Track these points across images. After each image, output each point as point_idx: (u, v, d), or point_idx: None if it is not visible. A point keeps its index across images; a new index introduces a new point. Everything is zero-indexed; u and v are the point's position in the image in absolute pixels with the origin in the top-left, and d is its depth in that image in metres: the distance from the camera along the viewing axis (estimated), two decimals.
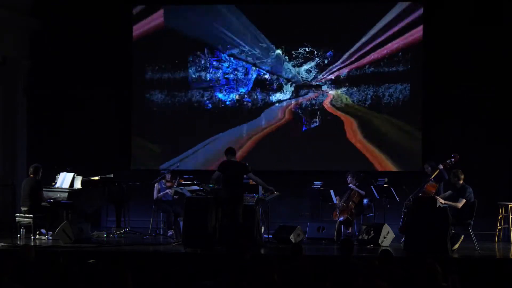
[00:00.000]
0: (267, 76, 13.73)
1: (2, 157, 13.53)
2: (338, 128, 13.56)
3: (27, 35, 13.88)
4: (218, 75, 13.87)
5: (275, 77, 13.72)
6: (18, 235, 11.65)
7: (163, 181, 12.35)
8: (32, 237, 11.55)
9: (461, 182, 10.78)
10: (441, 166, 11.17)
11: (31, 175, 11.83)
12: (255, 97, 13.81)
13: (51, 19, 13.91)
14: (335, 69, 13.54)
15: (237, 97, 13.85)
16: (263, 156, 13.61)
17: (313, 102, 13.62)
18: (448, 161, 11.20)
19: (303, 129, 13.66)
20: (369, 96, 13.46)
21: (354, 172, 12.42)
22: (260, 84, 13.77)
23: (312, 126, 13.64)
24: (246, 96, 13.83)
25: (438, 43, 13.21)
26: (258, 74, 13.77)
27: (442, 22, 13.20)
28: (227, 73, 13.86)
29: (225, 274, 6.74)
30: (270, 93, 13.76)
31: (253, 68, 13.77)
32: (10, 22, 13.34)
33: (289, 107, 13.71)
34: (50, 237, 11.66)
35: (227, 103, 13.88)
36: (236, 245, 10.43)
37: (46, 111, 14.03)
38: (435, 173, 11.17)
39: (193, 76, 13.93)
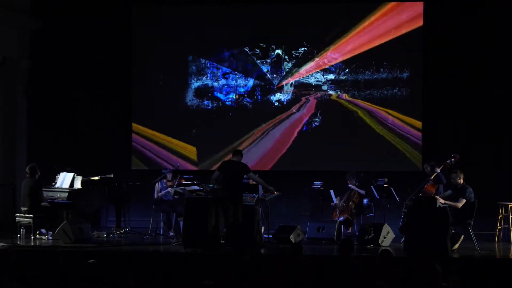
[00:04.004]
0: (267, 76, 13.73)
1: (2, 157, 13.52)
2: (339, 128, 13.57)
3: (27, 35, 13.87)
4: (218, 75, 13.87)
5: (275, 77, 13.71)
6: (18, 235, 11.64)
7: (164, 180, 12.34)
8: (32, 237, 11.54)
9: (461, 182, 10.78)
10: (437, 170, 11.14)
11: (28, 175, 11.82)
12: (255, 97, 13.80)
13: (51, 19, 13.90)
14: (335, 69, 13.54)
15: (236, 97, 13.85)
16: (264, 156, 13.62)
17: (313, 102, 13.61)
18: (448, 161, 11.19)
19: (304, 128, 13.66)
20: (369, 96, 13.45)
21: (354, 172, 12.41)
22: (260, 84, 13.77)
23: (313, 125, 13.64)
24: (245, 96, 13.83)
25: (438, 43, 13.20)
26: (258, 75, 13.77)
27: (442, 20, 13.19)
28: (227, 73, 13.86)
29: (225, 274, 6.74)
30: (270, 93, 13.76)
31: (253, 68, 13.78)
32: (10, 22, 13.34)
33: (289, 107, 13.71)
34: (50, 237, 11.66)
35: (227, 103, 13.87)
36: (236, 245, 10.49)
37: (46, 111, 14.02)
38: (435, 174, 11.16)
39: (193, 76, 13.93)
